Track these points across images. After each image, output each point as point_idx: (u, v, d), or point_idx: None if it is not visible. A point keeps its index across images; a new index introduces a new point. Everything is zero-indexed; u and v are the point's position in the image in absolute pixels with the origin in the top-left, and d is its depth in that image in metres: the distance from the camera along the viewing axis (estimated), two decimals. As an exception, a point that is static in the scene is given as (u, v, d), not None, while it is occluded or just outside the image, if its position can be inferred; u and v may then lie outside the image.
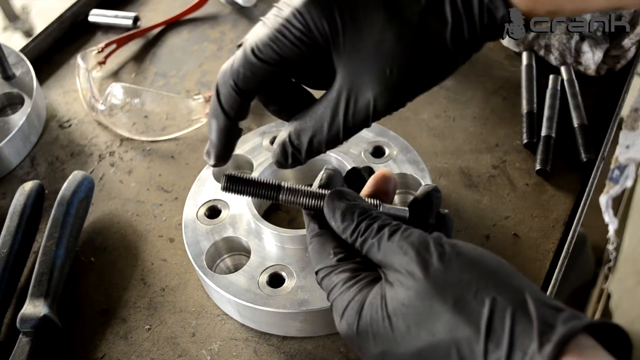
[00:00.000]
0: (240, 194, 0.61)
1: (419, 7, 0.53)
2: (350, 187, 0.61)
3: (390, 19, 0.53)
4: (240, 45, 0.57)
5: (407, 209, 0.59)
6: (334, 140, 0.57)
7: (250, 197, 0.61)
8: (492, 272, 0.48)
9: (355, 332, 0.52)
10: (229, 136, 0.59)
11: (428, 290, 0.48)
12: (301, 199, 0.59)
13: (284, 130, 0.59)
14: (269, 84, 0.57)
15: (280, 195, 0.60)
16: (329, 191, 0.59)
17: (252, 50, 0.54)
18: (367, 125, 0.56)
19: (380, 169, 0.61)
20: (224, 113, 0.57)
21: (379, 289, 0.52)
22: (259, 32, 0.55)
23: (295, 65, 0.55)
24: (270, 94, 0.60)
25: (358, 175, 0.64)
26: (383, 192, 0.61)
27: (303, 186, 0.61)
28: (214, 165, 0.61)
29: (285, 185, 0.60)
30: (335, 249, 0.56)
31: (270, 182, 0.61)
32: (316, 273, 0.57)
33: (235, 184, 0.61)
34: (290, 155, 0.59)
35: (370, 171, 0.63)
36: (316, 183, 0.62)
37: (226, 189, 0.61)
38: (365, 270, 0.54)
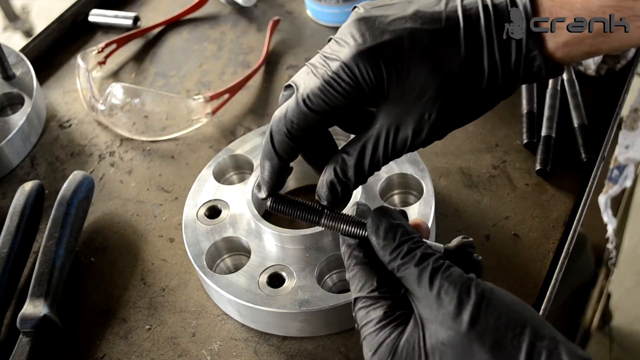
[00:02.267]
0: (284, 215, 0.63)
1: (459, 58, 0.56)
2: None
3: (432, 72, 0.56)
4: (287, 87, 0.60)
5: (441, 245, 0.59)
6: (376, 170, 0.61)
7: (293, 218, 0.64)
8: (527, 319, 0.51)
9: None
10: (281, 175, 0.62)
11: (469, 333, 0.50)
12: (343, 225, 0.61)
13: (325, 174, 0.61)
14: (318, 130, 0.61)
15: (322, 220, 0.62)
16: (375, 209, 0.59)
17: (304, 102, 0.57)
18: (401, 156, 0.60)
19: (416, 218, 0.62)
20: (277, 156, 0.61)
21: (415, 327, 0.53)
22: (309, 83, 0.58)
23: (341, 113, 0.58)
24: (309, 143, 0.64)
25: None
26: None
27: (344, 213, 0.62)
28: (264, 199, 0.64)
29: (327, 211, 0.62)
30: (378, 282, 0.56)
31: (314, 206, 0.62)
32: (354, 300, 0.57)
33: (281, 204, 0.63)
34: (341, 193, 0.61)
35: (404, 215, 0.63)
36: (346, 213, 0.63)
37: (272, 208, 0.63)
38: (400, 307, 0.55)
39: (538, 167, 0.86)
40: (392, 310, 0.55)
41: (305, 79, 0.58)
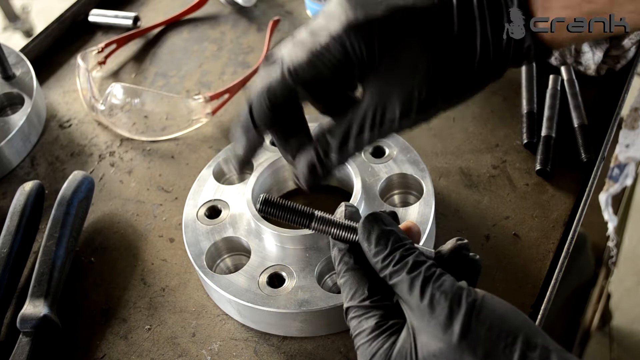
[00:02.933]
0: (273, 217, 0.63)
1: (452, 36, 0.56)
2: None
3: (425, 49, 0.56)
4: (269, 58, 0.59)
5: (433, 250, 0.58)
6: (358, 151, 0.59)
7: (283, 221, 0.63)
8: (518, 329, 0.50)
9: None
10: (254, 149, 0.61)
11: (460, 344, 0.50)
12: (333, 229, 0.60)
13: (305, 155, 0.60)
14: (299, 105, 0.59)
15: (313, 224, 0.61)
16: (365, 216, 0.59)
17: (290, 72, 0.56)
18: (386, 137, 0.59)
19: (407, 220, 0.62)
20: (255, 128, 0.59)
21: (407, 337, 0.53)
22: (295, 55, 0.56)
23: (327, 86, 0.57)
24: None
25: None
26: None
27: (335, 217, 0.61)
28: (237, 171, 0.64)
29: (318, 214, 0.61)
30: (370, 290, 0.56)
31: (304, 210, 0.61)
32: (346, 309, 0.57)
33: (271, 207, 0.62)
34: (321, 174, 0.60)
35: (394, 216, 0.62)
36: (337, 217, 0.62)
37: (261, 211, 0.62)
38: (393, 316, 0.55)
39: (538, 167, 0.86)
40: (385, 319, 0.54)
41: (291, 51, 0.57)
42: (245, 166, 0.62)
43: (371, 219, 0.58)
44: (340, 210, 0.62)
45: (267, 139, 0.87)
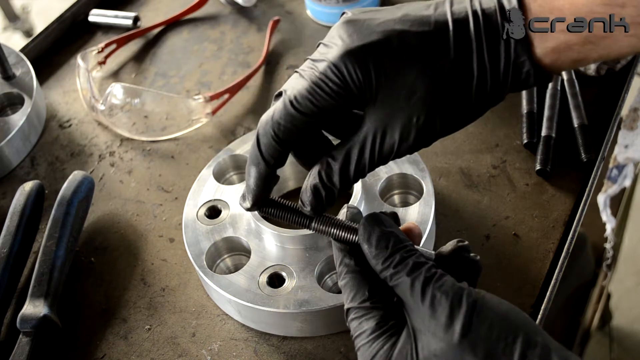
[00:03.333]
0: (273, 217, 0.63)
1: (448, 60, 0.56)
2: None
3: (421, 73, 0.56)
4: (278, 95, 0.59)
5: (433, 252, 0.58)
6: (361, 176, 0.60)
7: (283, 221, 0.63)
8: (519, 328, 0.50)
9: None
10: (267, 182, 0.61)
11: (460, 343, 0.50)
12: (334, 230, 0.60)
13: (309, 178, 0.60)
14: (306, 134, 0.59)
15: (313, 224, 0.61)
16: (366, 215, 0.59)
17: (291, 103, 0.57)
18: (387, 162, 0.59)
19: (408, 222, 0.62)
20: (264, 161, 0.59)
21: (408, 338, 0.53)
22: (296, 85, 0.57)
23: (329, 115, 0.57)
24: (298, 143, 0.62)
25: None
26: None
27: (336, 217, 0.61)
28: (249, 209, 0.63)
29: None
30: (370, 291, 0.56)
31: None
32: (347, 310, 0.57)
33: (270, 207, 0.62)
34: (325, 198, 0.60)
35: (395, 217, 0.62)
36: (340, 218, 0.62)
37: (262, 211, 0.63)
38: (393, 317, 0.55)
39: (538, 167, 0.86)
40: (385, 320, 0.55)
41: (293, 83, 0.58)
42: (259, 201, 0.62)
43: (371, 220, 0.58)
44: (343, 212, 0.62)
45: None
